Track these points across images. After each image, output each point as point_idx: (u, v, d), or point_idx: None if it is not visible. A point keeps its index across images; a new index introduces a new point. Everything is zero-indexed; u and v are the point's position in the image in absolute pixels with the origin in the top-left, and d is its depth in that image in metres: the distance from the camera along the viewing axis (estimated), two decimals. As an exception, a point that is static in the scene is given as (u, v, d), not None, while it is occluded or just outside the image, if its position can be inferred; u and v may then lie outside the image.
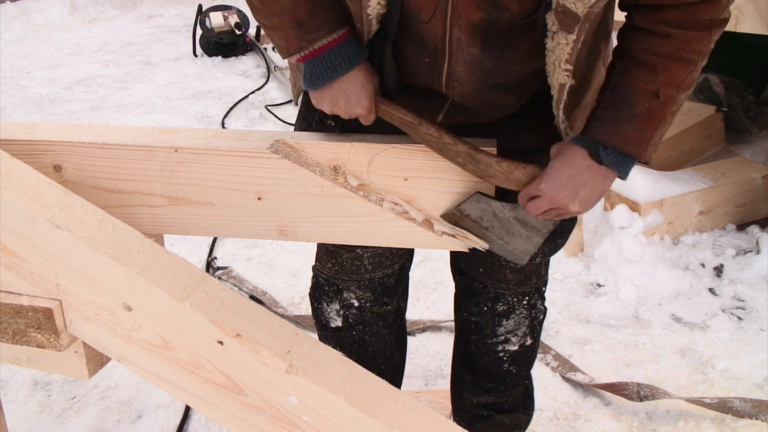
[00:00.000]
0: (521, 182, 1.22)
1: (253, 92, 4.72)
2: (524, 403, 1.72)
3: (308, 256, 2.78)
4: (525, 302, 1.54)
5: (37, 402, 2.05)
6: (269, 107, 4.42)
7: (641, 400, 1.94)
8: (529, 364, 1.66)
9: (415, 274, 2.62)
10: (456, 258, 1.58)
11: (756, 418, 1.90)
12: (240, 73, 5.17)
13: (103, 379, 2.12)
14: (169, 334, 1.00)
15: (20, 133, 1.29)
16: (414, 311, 2.42)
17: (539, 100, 1.28)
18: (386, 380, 1.69)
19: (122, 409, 2.02)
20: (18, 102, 4.74)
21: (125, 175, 1.29)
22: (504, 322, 1.55)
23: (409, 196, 1.29)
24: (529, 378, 1.71)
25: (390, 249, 1.52)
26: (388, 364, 1.72)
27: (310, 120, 1.37)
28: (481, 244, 1.31)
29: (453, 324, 2.32)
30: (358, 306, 1.59)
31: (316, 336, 1.77)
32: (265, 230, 1.33)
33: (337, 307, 1.60)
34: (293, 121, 4.22)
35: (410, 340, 2.26)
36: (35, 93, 4.90)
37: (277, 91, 4.70)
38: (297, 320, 2.36)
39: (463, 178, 1.27)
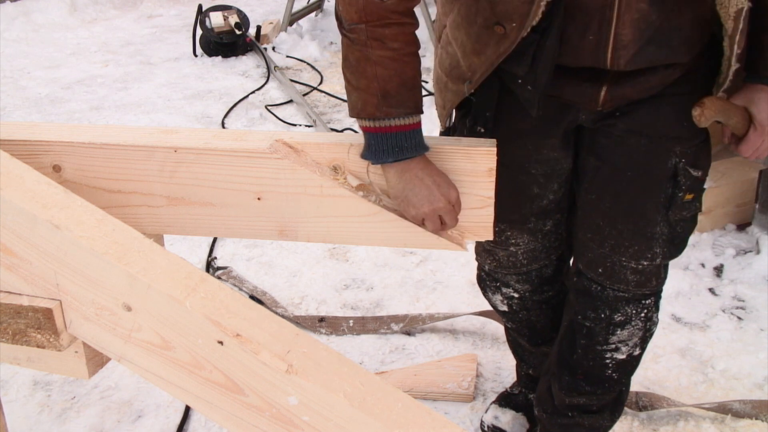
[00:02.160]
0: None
1: (253, 92, 4.72)
2: (612, 408, 1.68)
3: (308, 256, 2.78)
4: (642, 314, 1.52)
5: (37, 402, 2.05)
6: (269, 107, 4.42)
7: (640, 410, 1.94)
8: (632, 371, 1.64)
9: (415, 274, 2.63)
10: (576, 258, 1.56)
11: (756, 419, 1.90)
12: (240, 73, 5.17)
13: (103, 379, 2.12)
14: (169, 334, 1.00)
15: (20, 133, 1.29)
16: (414, 311, 2.42)
17: (689, 81, 1.31)
18: (551, 345, 1.75)
19: (122, 409, 2.02)
20: (18, 102, 4.74)
21: (125, 175, 1.29)
22: (618, 332, 1.53)
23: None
24: (627, 384, 1.68)
25: (543, 243, 1.55)
26: (553, 333, 1.76)
27: (461, 130, 1.41)
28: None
29: (453, 323, 2.33)
30: (518, 296, 1.66)
31: (316, 336, 1.77)
32: (265, 230, 1.33)
33: (500, 297, 1.69)
34: (293, 121, 4.22)
35: (410, 340, 2.26)
36: (35, 93, 4.90)
37: (277, 91, 4.70)
38: (297, 320, 2.36)
39: (464, 178, 1.27)
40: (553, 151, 1.42)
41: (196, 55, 5.51)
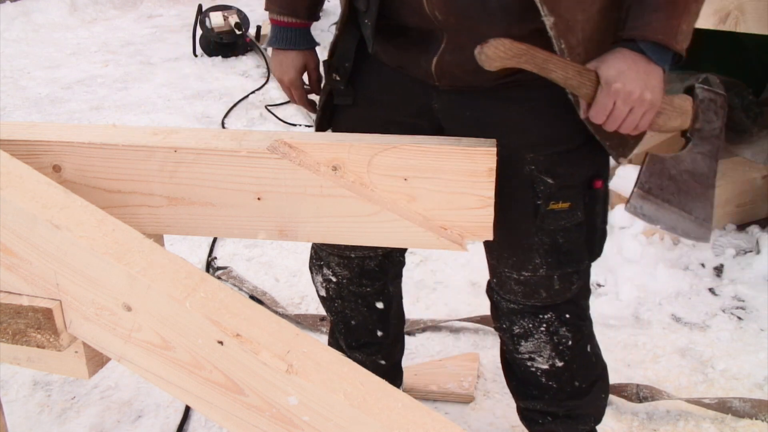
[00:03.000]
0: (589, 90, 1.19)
1: (253, 92, 4.72)
2: (586, 415, 1.62)
3: (308, 256, 2.78)
4: (543, 328, 1.48)
5: (37, 402, 2.05)
6: (269, 107, 4.42)
7: (641, 401, 1.94)
8: (573, 380, 1.56)
9: (415, 274, 2.63)
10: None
11: (756, 418, 1.90)
12: (240, 73, 5.17)
13: (103, 379, 2.12)
14: (169, 334, 1.00)
15: (20, 133, 1.29)
16: (414, 311, 2.42)
17: (538, 86, 1.25)
18: (371, 352, 1.78)
19: (122, 409, 2.02)
20: (18, 102, 4.74)
21: (125, 176, 1.29)
22: (523, 343, 1.50)
23: (409, 196, 1.29)
24: (593, 392, 1.60)
25: None
26: (373, 338, 1.76)
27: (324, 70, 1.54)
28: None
29: (453, 324, 2.33)
30: (336, 282, 1.68)
31: (316, 336, 1.77)
32: (265, 230, 1.33)
33: (321, 279, 1.72)
34: (293, 121, 4.22)
35: (410, 340, 2.26)
36: (35, 93, 4.90)
37: (277, 91, 4.70)
38: (297, 320, 2.36)
39: (463, 178, 1.27)
40: (402, 133, 1.39)
41: (196, 55, 5.51)
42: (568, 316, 1.49)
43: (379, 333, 1.77)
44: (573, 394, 1.57)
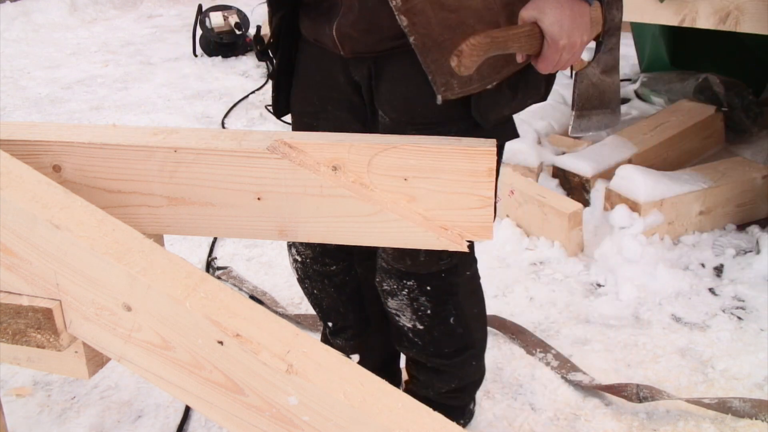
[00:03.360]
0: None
1: (253, 92, 4.72)
2: (452, 374, 1.71)
3: (308, 256, 2.78)
4: (405, 293, 1.57)
5: (37, 402, 2.05)
6: (269, 107, 4.42)
7: (641, 401, 1.94)
8: (435, 344, 1.63)
9: (415, 274, 2.63)
10: None
11: (756, 418, 1.90)
12: (240, 73, 5.17)
13: (103, 379, 2.12)
14: (169, 334, 1.00)
15: (20, 133, 1.29)
16: (414, 311, 2.42)
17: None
18: (347, 337, 1.83)
19: (122, 409, 2.02)
20: (18, 102, 4.74)
21: (125, 176, 1.29)
22: (390, 300, 1.60)
23: (409, 196, 1.29)
24: (462, 357, 1.68)
25: None
26: (345, 322, 1.81)
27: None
28: None
29: (453, 324, 2.33)
30: (301, 261, 1.74)
31: (316, 336, 1.77)
32: (265, 230, 1.33)
33: (291, 259, 1.79)
34: (293, 121, 4.23)
35: (410, 340, 2.26)
36: (35, 93, 4.90)
37: (277, 91, 4.70)
38: (297, 320, 2.36)
39: (464, 178, 1.27)
40: (339, 110, 1.47)
41: (196, 55, 5.51)
42: (429, 288, 1.56)
43: (352, 316, 1.81)
44: (437, 354, 1.66)
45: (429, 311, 1.59)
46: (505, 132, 1.42)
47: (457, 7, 1.26)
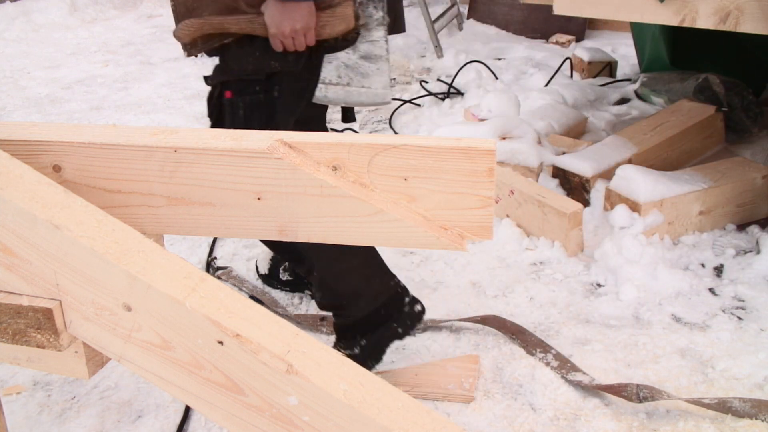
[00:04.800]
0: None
1: (253, 92, 4.72)
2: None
3: (308, 256, 2.78)
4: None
5: (37, 402, 2.05)
6: (269, 107, 4.42)
7: (641, 401, 1.94)
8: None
9: (415, 274, 2.63)
10: None
11: (756, 418, 1.90)
12: (240, 73, 5.17)
13: (103, 379, 2.12)
14: (169, 334, 1.00)
15: (20, 133, 1.29)
16: (414, 311, 2.42)
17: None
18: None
19: (122, 409, 2.02)
20: (18, 102, 4.74)
21: (125, 176, 1.29)
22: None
23: (409, 196, 1.29)
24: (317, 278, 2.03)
25: None
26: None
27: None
28: None
29: (453, 324, 2.33)
30: None
31: (316, 336, 1.77)
32: (265, 230, 1.33)
33: None
34: (293, 121, 4.23)
35: (411, 340, 2.26)
36: (35, 93, 4.90)
37: (277, 91, 4.70)
38: (297, 320, 2.36)
39: (463, 178, 1.27)
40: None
41: (196, 55, 5.51)
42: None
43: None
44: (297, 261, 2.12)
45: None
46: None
47: None
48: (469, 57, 4.97)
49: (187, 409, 1.97)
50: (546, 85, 4.32)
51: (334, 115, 4.31)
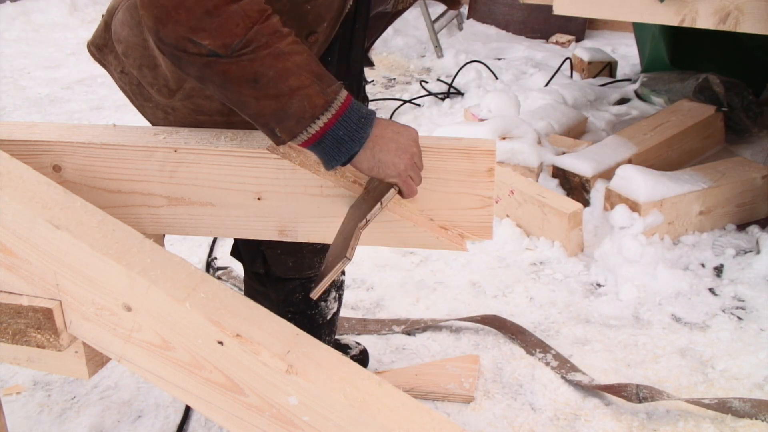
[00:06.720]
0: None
1: (253, 92, 4.71)
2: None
3: (308, 256, 2.78)
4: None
5: (37, 402, 2.05)
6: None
7: (640, 402, 1.94)
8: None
9: (415, 274, 2.63)
10: None
11: (756, 418, 1.90)
12: (240, 73, 5.16)
13: (103, 379, 2.12)
14: (169, 334, 1.00)
15: (20, 133, 1.29)
16: (414, 311, 2.42)
17: None
18: None
19: (122, 409, 2.02)
20: (18, 102, 4.74)
21: (125, 176, 1.29)
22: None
23: (409, 196, 1.28)
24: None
25: None
26: None
27: None
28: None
29: (453, 324, 2.33)
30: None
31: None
32: (265, 230, 1.33)
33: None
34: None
35: (411, 340, 2.26)
36: (35, 93, 4.90)
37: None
38: (297, 320, 2.36)
39: (463, 178, 1.27)
40: None
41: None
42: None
43: None
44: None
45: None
46: None
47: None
48: (469, 57, 4.97)
49: (187, 409, 1.97)
50: (546, 85, 4.32)
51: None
